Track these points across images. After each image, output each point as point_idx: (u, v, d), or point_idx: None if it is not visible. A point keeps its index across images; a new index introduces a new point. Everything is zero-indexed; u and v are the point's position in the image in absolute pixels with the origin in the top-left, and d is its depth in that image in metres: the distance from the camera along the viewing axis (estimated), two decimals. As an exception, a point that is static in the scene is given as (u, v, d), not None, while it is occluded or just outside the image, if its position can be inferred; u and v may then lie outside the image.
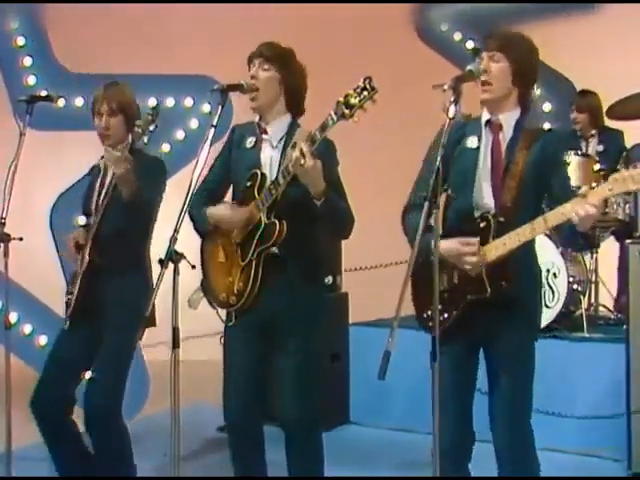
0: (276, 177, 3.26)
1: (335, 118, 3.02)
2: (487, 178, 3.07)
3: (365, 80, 2.97)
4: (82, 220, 4.06)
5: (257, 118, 3.43)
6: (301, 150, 3.06)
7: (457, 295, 3.05)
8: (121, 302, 3.69)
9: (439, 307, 3.02)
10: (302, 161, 3.05)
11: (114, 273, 3.72)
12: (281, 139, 3.39)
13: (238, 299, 3.32)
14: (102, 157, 3.84)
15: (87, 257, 3.72)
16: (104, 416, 3.73)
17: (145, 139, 3.48)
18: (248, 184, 3.35)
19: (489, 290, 2.97)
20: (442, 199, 3.12)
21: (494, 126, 3.09)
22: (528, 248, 3.02)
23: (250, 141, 3.43)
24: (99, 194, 3.80)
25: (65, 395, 3.80)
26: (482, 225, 3.02)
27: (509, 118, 3.09)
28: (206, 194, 3.44)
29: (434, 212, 2.72)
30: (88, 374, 3.85)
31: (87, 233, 3.78)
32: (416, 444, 4.76)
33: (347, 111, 2.97)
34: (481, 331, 3.06)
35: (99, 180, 3.84)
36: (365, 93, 2.95)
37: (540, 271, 3.26)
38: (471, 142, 3.11)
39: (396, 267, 5.54)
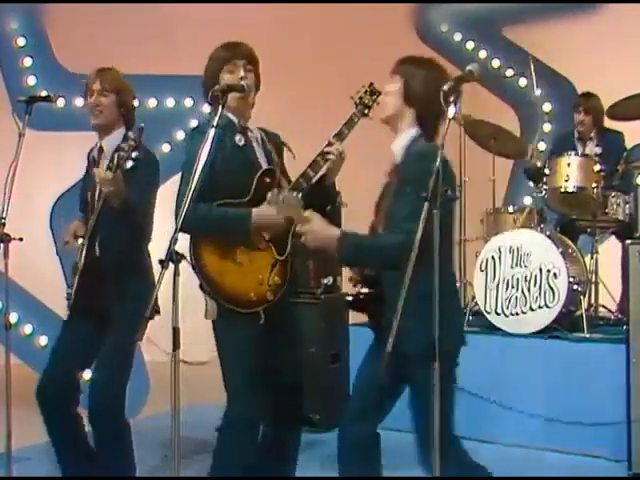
0: (305, 171, 3.31)
1: (359, 115, 3.38)
2: None
3: (370, 85, 3.42)
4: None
5: (236, 120, 3.42)
6: (337, 148, 3.30)
7: None
8: (123, 303, 3.69)
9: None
10: (343, 155, 3.32)
11: (114, 273, 3.73)
12: (259, 138, 3.46)
13: (275, 294, 3.33)
14: (96, 144, 3.85)
15: (83, 259, 3.72)
16: (106, 414, 3.75)
17: (129, 164, 3.44)
18: (257, 182, 3.34)
19: None
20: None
21: None
22: None
23: (239, 139, 3.41)
24: (92, 188, 3.79)
25: (69, 383, 3.82)
26: None
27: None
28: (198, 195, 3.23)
29: (434, 212, 2.72)
30: (87, 374, 3.85)
31: (84, 228, 3.78)
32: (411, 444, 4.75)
33: (366, 110, 3.38)
34: None
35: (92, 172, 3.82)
36: (374, 96, 3.38)
37: None
38: None
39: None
